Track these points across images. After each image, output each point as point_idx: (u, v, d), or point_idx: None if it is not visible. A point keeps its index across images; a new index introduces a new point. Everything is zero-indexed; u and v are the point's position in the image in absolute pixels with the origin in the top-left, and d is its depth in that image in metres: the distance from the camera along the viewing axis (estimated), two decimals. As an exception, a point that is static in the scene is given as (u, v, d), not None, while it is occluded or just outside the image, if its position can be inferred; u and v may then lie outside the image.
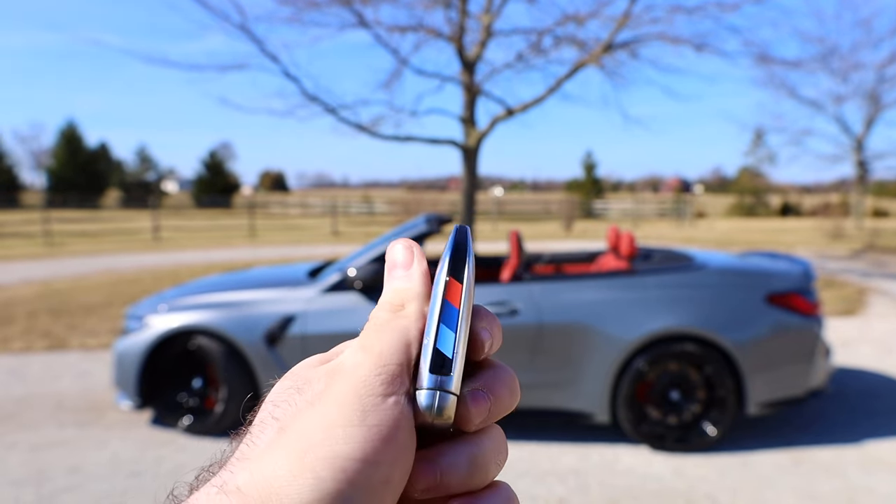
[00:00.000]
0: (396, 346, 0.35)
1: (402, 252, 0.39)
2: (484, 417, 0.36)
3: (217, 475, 0.32)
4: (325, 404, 0.33)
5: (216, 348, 4.20)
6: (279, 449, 0.31)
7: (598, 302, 4.11)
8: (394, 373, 0.34)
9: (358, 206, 44.12)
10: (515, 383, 0.38)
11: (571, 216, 28.49)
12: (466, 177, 11.01)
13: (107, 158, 60.41)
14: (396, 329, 0.36)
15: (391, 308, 0.37)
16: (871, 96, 29.51)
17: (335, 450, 0.31)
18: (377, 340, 0.36)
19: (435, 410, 0.34)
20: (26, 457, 3.95)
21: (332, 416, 0.32)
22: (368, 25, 10.60)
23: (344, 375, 0.34)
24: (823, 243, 20.01)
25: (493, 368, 0.38)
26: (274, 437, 0.32)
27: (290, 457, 0.31)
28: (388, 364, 0.34)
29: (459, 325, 0.36)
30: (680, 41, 10.68)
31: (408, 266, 0.39)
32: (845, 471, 3.75)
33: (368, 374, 0.34)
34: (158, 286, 10.32)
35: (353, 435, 0.31)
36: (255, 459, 0.32)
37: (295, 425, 0.32)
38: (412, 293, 0.38)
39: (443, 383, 0.35)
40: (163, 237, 22.66)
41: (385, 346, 0.35)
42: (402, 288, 0.38)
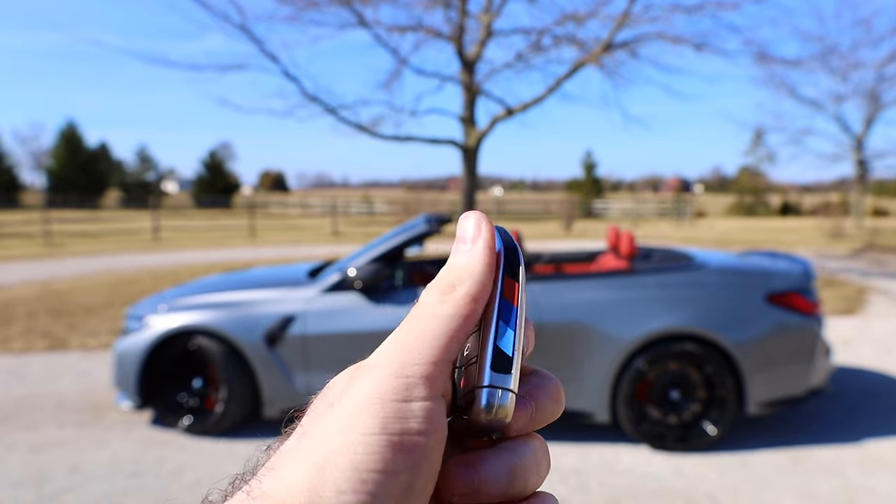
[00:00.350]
0: (433, 341, 0.32)
1: (470, 225, 0.36)
2: (525, 424, 0.35)
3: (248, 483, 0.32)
4: (345, 406, 0.31)
5: (216, 348, 4.20)
6: (299, 455, 0.31)
7: (597, 301, 4.11)
8: (425, 374, 0.31)
9: (358, 206, 44.12)
10: (560, 393, 0.37)
11: (571, 216, 28.49)
12: (466, 176, 11.01)
13: (107, 159, 60.39)
14: (438, 317, 0.33)
15: (439, 290, 0.34)
16: (870, 95, 29.51)
17: (354, 460, 0.29)
18: (413, 332, 0.33)
19: (495, 409, 0.34)
20: (26, 457, 3.95)
21: (351, 423, 0.30)
22: (368, 25, 10.60)
23: (369, 372, 0.32)
24: (823, 243, 20.01)
25: (537, 376, 0.37)
26: (295, 444, 0.31)
27: (309, 466, 0.30)
28: (419, 363, 0.31)
29: (519, 323, 0.35)
30: (680, 40, 10.69)
31: (473, 241, 0.35)
32: (845, 470, 3.75)
33: (394, 373, 0.31)
34: (158, 286, 10.32)
35: (372, 444, 0.29)
36: (279, 467, 0.31)
37: (314, 430, 0.31)
38: (467, 272, 0.34)
39: (504, 382, 0.34)
40: (163, 237, 22.66)
41: (420, 339, 0.32)
42: (458, 265, 0.34)
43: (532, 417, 0.35)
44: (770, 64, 13.64)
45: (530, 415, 0.35)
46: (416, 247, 4.59)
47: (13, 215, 35.41)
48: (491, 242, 0.35)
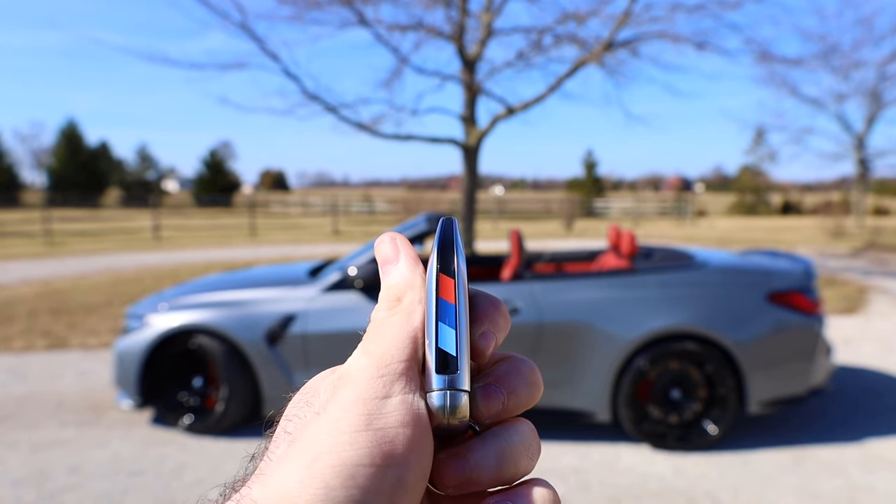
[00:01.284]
0: (397, 343, 0.35)
1: (387, 247, 0.38)
2: (498, 411, 0.35)
3: (238, 492, 0.33)
4: (330, 412, 0.33)
5: (217, 347, 4.20)
6: (289, 460, 0.32)
7: (598, 301, 4.10)
8: (397, 371, 0.34)
9: (358, 205, 44.11)
10: (535, 375, 0.37)
11: (572, 215, 28.47)
12: (467, 175, 11.00)
13: (107, 157, 60.41)
14: (395, 325, 0.35)
15: (388, 305, 0.37)
16: (872, 94, 29.46)
17: (342, 457, 0.30)
18: (377, 341, 0.35)
19: (448, 410, 0.34)
20: (27, 456, 3.95)
21: (337, 424, 0.32)
22: (369, 24, 10.59)
23: (348, 381, 0.34)
24: (824, 242, 20.00)
25: (508, 361, 0.37)
26: (285, 451, 0.33)
27: (299, 467, 0.31)
28: (390, 363, 0.34)
29: (458, 320, 0.35)
30: (681, 39, 10.67)
31: (395, 259, 0.38)
32: (846, 469, 3.74)
33: (371, 376, 0.33)
34: (159, 285, 10.32)
35: (359, 440, 0.31)
36: (268, 473, 0.32)
37: (303, 436, 0.32)
38: (404, 284, 0.37)
39: (452, 382, 0.34)
40: (163, 236, 22.67)
41: (385, 345, 0.35)
42: (394, 283, 0.37)
43: (505, 404, 0.35)
44: (771, 63, 13.61)
45: (502, 402, 0.35)
46: (417, 246, 4.58)
47: (13, 214, 35.43)
48: (411, 253, 0.38)
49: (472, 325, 0.36)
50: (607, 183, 70.69)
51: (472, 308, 0.37)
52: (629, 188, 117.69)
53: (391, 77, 11.36)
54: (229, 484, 0.35)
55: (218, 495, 0.34)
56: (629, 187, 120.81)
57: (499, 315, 0.37)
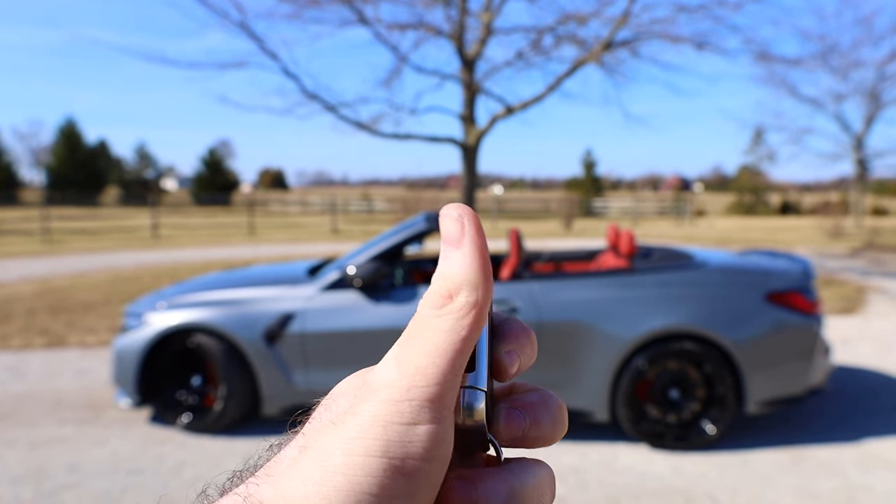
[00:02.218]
0: (436, 358, 0.30)
1: (453, 224, 0.33)
2: (516, 436, 0.33)
3: (245, 483, 0.31)
4: (347, 427, 0.30)
5: (215, 346, 4.20)
6: (299, 469, 0.30)
7: (597, 300, 4.10)
8: (429, 396, 0.30)
9: (357, 203, 44.09)
10: (562, 414, 0.35)
11: (571, 214, 28.48)
12: (466, 175, 11.00)
13: (106, 156, 60.33)
14: (439, 331, 0.31)
15: (436, 301, 0.32)
16: (871, 94, 29.49)
17: (352, 481, 0.28)
18: (414, 349, 0.31)
19: (464, 410, 0.32)
20: (25, 454, 3.95)
21: (353, 444, 0.29)
22: (368, 23, 10.59)
23: (372, 396, 0.30)
24: (823, 242, 20.02)
25: (537, 393, 0.35)
26: (296, 455, 0.31)
27: (308, 481, 0.29)
28: (422, 385, 0.30)
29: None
30: (680, 40, 10.68)
31: (458, 243, 0.32)
32: (845, 469, 3.75)
33: (398, 398, 0.30)
34: (157, 284, 10.31)
35: (372, 467, 0.28)
36: (278, 476, 0.30)
37: (316, 445, 0.30)
38: (460, 279, 0.32)
39: (469, 380, 0.32)
40: (162, 235, 22.65)
41: (422, 358, 0.30)
42: (450, 273, 0.32)
43: (526, 432, 0.34)
44: (770, 63, 13.63)
45: (523, 429, 0.33)
46: (416, 245, 4.58)
47: (12, 212, 35.39)
48: (479, 242, 0.32)
49: (499, 342, 0.34)
50: (606, 182, 70.72)
51: (503, 328, 0.35)
52: (628, 188, 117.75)
53: (390, 76, 11.37)
54: (238, 471, 0.33)
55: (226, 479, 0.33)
56: (628, 187, 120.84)
57: (527, 340, 0.35)
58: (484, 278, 0.32)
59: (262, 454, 0.34)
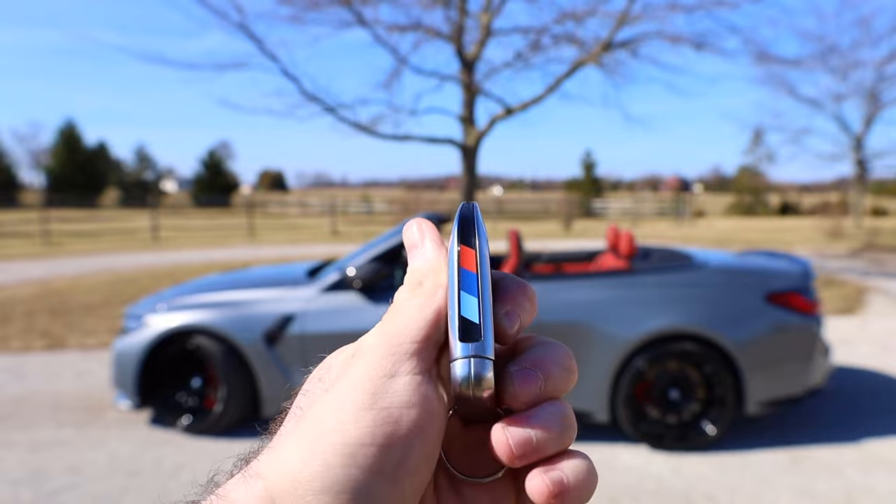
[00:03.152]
0: (413, 324, 0.34)
1: (413, 231, 0.39)
2: (535, 395, 0.34)
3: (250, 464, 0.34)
4: (338, 389, 0.33)
5: (215, 348, 4.20)
6: (295, 436, 0.32)
7: (597, 301, 4.10)
8: (408, 351, 0.33)
9: (357, 205, 44.08)
10: (570, 360, 0.37)
11: (570, 215, 28.49)
12: (465, 176, 11.01)
13: (105, 157, 60.34)
14: (413, 306, 0.35)
15: (410, 288, 0.37)
16: (870, 95, 29.50)
17: (345, 435, 0.30)
18: (393, 321, 0.35)
19: (472, 379, 0.33)
20: (25, 456, 3.94)
21: (343, 402, 0.32)
22: (367, 24, 10.59)
23: (359, 359, 0.34)
24: (822, 242, 20.02)
25: (542, 346, 0.37)
26: (293, 426, 0.33)
27: (303, 443, 0.31)
28: (402, 343, 0.33)
29: (480, 288, 0.35)
30: (680, 40, 10.68)
31: (420, 243, 0.38)
32: (844, 469, 3.75)
33: (382, 355, 0.33)
34: (157, 286, 10.31)
35: (362, 419, 0.31)
36: (276, 447, 0.33)
37: (311, 412, 0.33)
38: (427, 268, 0.37)
39: (475, 350, 0.33)
40: (161, 236, 22.64)
41: (401, 325, 0.34)
42: (417, 266, 0.37)
43: (542, 389, 0.35)
44: (769, 63, 13.63)
45: (539, 386, 0.35)
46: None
47: (11, 214, 35.37)
48: (436, 238, 0.38)
49: (497, 304, 0.36)
50: (606, 183, 70.70)
51: (498, 288, 0.36)
52: (628, 188, 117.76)
53: (390, 77, 11.37)
54: (243, 455, 0.35)
55: (232, 465, 0.35)
56: (628, 188, 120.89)
57: (525, 297, 0.37)
58: (444, 266, 0.36)
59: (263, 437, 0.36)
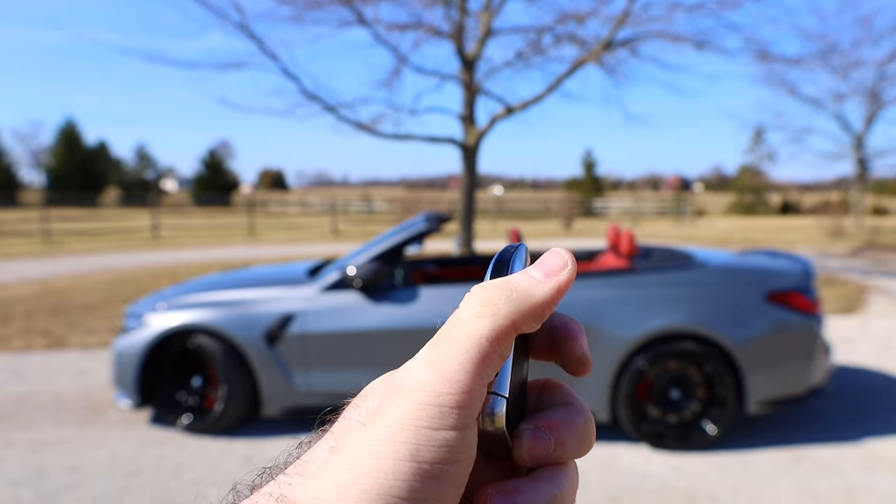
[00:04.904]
0: (468, 366, 0.31)
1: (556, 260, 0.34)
2: (541, 457, 0.33)
3: (275, 481, 0.32)
4: (377, 428, 0.30)
5: (216, 347, 4.20)
6: (330, 471, 0.31)
7: (597, 300, 4.10)
8: (458, 403, 0.30)
9: (357, 204, 44.07)
10: (588, 429, 0.35)
11: (571, 214, 28.49)
12: (466, 175, 11.00)
13: (106, 157, 60.38)
14: (473, 337, 0.31)
15: (482, 300, 0.32)
16: (871, 94, 29.47)
17: (382, 484, 0.29)
18: (447, 354, 0.31)
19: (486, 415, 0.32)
20: (25, 456, 3.95)
21: (383, 446, 0.30)
22: (368, 23, 10.58)
23: (402, 397, 0.31)
24: (823, 241, 20.01)
25: (565, 409, 0.35)
26: (327, 457, 0.32)
27: (338, 484, 0.30)
28: (452, 393, 0.30)
29: None
30: (680, 39, 10.67)
31: (550, 275, 0.33)
32: (845, 469, 3.74)
33: (428, 402, 0.30)
34: (157, 285, 10.31)
35: (402, 471, 0.29)
36: (310, 477, 0.31)
37: (346, 446, 0.31)
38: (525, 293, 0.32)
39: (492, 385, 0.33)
40: (162, 236, 22.65)
41: (454, 363, 0.31)
42: (518, 284, 0.33)
43: (550, 453, 0.33)
44: (770, 62, 13.61)
45: (548, 451, 0.33)
46: (416, 245, 4.58)
47: (12, 213, 35.38)
48: (565, 287, 0.33)
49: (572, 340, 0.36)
50: (606, 182, 70.70)
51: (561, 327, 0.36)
52: (628, 188, 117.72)
53: (390, 77, 11.36)
54: (268, 467, 0.34)
55: (256, 476, 0.34)
56: (628, 187, 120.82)
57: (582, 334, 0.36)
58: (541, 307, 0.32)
59: (292, 451, 0.34)
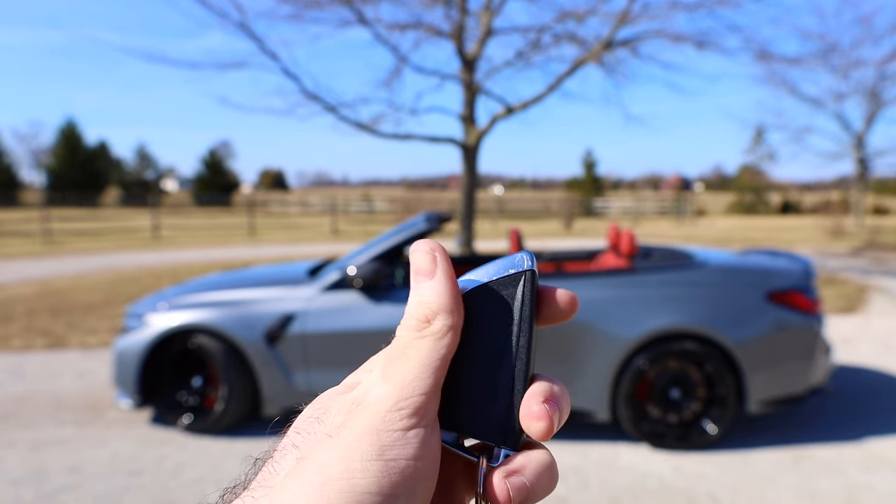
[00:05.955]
0: (420, 374, 0.34)
1: (424, 258, 0.36)
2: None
3: (240, 497, 0.33)
4: (344, 438, 0.33)
5: (216, 347, 4.20)
6: (298, 479, 0.32)
7: (598, 300, 4.10)
8: (416, 405, 0.33)
9: (358, 204, 44.07)
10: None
11: (571, 214, 28.49)
12: (466, 175, 11.00)
13: (106, 157, 60.38)
14: (422, 351, 0.34)
15: (416, 325, 0.35)
16: (871, 93, 29.45)
17: (352, 483, 0.31)
18: (400, 368, 0.34)
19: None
20: (26, 455, 3.95)
21: (350, 451, 0.32)
22: (368, 23, 10.58)
23: (364, 410, 0.34)
24: (824, 241, 20.01)
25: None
26: (294, 467, 0.33)
27: (308, 489, 0.31)
28: (410, 396, 0.33)
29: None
30: (681, 38, 10.67)
31: (431, 274, 0.36)
32: (845, 469, 3.74)
33: (389, 409, 0.33)
34: (158, 285, 10.32)
35: (370, 469, 0.31)
36: (276, 488, 0.32)
37: (314, 456, 0.32)
38: (437, 305, 0.35)
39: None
40: (162, 236, 22.65)
41: (409, 374, 0.34)
42: (428, 300, 0.35)
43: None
44: (771, 62, 13.58)
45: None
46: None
47: (12, 213, 35.39)
48: (450, 272, 0.36)
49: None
50: (606, 182, 70.67)
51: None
52: (628, 187, 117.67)
53: (391, 76, 11.36)
54: (229, 487, 0.35)
55: (218, 497, 0.34)
56: (628, 187, 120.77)
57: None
58: (456, 304, 0.36)
59: (250, 470, 0.35)
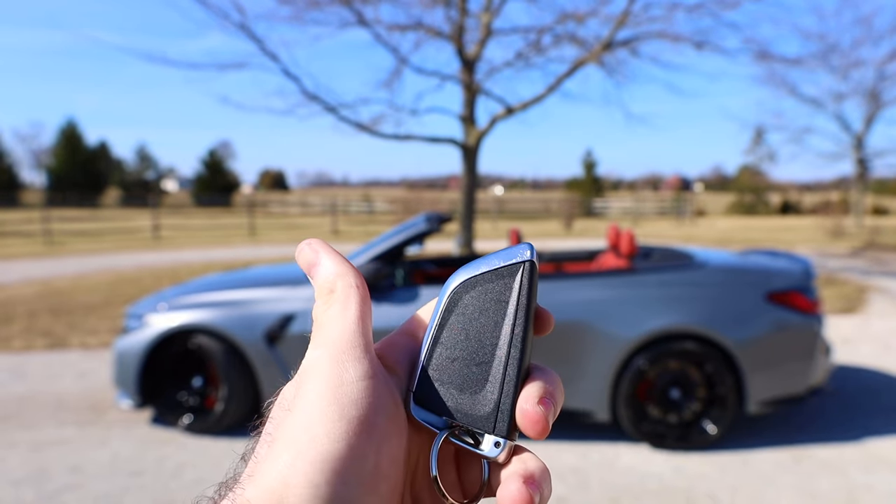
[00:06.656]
0: (344, 330, 0.36)
1: (306, 253, 0.40)
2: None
3: (231, 490, 0.34)
4: (300, 407, 0.34)
5: (216, 347, 4.20)
6: (272, 459, 0.32)
7: (598, 300, 4.10)
8: (355, 356, 0.35)
9: (358, 204, 44.06)
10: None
11: (571, 214, 28.48)
12: (466, 175, 11.00)
13: (106, 157, 60.40)
14: (335, 315, 0.37)
15: (323, 300, 0.38)
16: (871, 94, 29.46)
17: (322, 451, 0.31)
18: (325, 332, 0.36)
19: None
20: (27, 456, 3.95)
21: (310, 417, 0.33)
22: (368, 24, 10.59)
23: (310, 375, 0.35)
24: (823, 241, 20.01)
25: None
26: (267, 451, 0.34)
27: (281, 466, 0.32)
28: (344, 349, 0.35)
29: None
30: (680, 39, 10.68)
31: (316, 261, 0.39)
32: (845, 469, 3.75)
33: (331, 365, 0.34)
34: (158, 285, 10.32)
35: (336, 432, 0.32)
36: (257, 474, 0.33)
37: (281, 435, 0.33)
38: (332, 275, 0.38)
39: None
40: (162, 236, 22.65)
41: (334, 334, 0.36)
42: (324, 276, 0.39)
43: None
44: (770, 62, 13.59)
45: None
46: (416, 245, 4.58)
47: (13, 214, 35.40)
48: (330, 251, 0.40)
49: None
50: (606, 183, 70.67)
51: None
52: (628, 188, 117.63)
53: (391, 77, 11.37)
54: (223, 483, 0.36)
55: (213, 493, 0.35)
56: (628, 187, 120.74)
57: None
58: (347, 268, 0.38)
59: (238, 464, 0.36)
